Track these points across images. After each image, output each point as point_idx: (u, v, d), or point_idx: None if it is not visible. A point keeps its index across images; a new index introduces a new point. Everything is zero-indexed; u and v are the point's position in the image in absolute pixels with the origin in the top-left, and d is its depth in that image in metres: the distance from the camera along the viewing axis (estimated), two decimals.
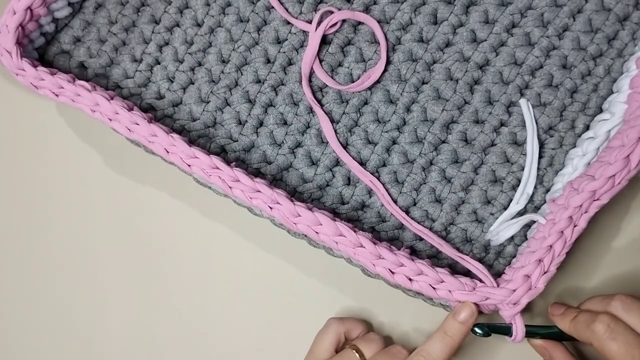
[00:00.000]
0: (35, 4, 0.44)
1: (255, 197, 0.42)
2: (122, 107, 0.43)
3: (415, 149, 0.46)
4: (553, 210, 0.42)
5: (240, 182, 0.42)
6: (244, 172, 0.42)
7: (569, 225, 0.41)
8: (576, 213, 0.41)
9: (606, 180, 0.41)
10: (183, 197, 0.49)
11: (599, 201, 0.41)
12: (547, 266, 0.41)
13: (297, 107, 0.47)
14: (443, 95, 0.46)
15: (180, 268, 0.48)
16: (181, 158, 0.43)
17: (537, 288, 0.41)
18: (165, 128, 0.44)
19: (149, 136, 0.43)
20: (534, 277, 0.41)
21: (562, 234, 0.41)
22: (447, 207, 0.46)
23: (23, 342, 0.49)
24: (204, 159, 0.42)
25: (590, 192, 0.41)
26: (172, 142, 0.43)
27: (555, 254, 0.41)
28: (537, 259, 0.41)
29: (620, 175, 0.41)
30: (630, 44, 0.45)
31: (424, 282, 0.41)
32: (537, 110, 0.46)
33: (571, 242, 0.41)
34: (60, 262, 0.49)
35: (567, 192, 0.42)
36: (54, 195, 0.49)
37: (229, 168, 0.42)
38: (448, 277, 0.41)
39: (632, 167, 0.41)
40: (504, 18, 0.46)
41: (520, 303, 0.41)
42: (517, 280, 0.41)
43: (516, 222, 0.44)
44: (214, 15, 0.48)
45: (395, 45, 0.47)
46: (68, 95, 0.44)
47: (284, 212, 0.42)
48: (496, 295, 0.41)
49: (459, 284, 0.41)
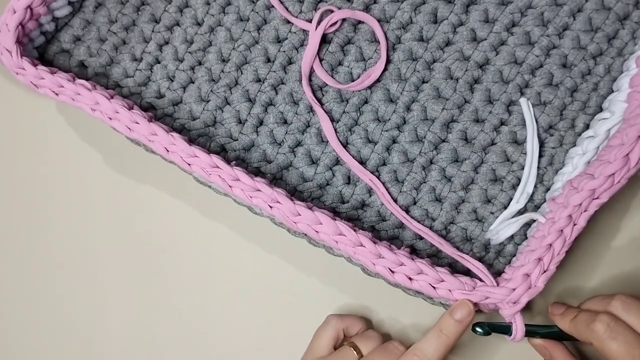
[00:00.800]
0: (35, 3, 0.44)
1: (255, 196, 0.42)
2: (122, 106, 0.43)
3: (415, 148, 0.46)
4: (553, 209, 0.42)
5: (240, 181, 0.42)
6: (244, 171, 0.42)
7: (568, 223, 0.41)
8: (576, 212, 0.41)
9: (605, 179, 0.40)
10: (183, 196, 0.49)
11: (598, 200, 0.41)
12: (547, 265, 0.41)
13: (297, 106, 0.47)
14: (443, 94, 0.46)
15: (180, 267, 0.48)
16: (181, 157, 0.43)
17: (537, 287, 0.41)
18: (165, 127, 0.44)
19: (149, 135, 0.43)
20: (533, 276, 0.41)
21: (562, 233, 0.41)
22: (447, 206, 0.46)
23: (22, 341, 0.48)
24: (204, 158, 0.42)
25: (589, 191, 0.41)
26: (172, 141, 0.43)
27: (554, 252, 0.41)
28: (537, 257, 0.41)
29: (620, 174, 0.41)
30: (631, 42, 0.45)
31: (424, 282, 0.41)
32: (537, 109, 0.46)
33: (571, 241, 0.41)
34: (60, 261, 0.49)
35: (566, 191, 0.42)
36: (54, 194, 0.49)
37: (229, 167, 0.42)
38: (448, 276, 0.41)
39: (632, 165, 0.40)
40: (504, 17, 0.46)
41: (520, 302, 0.41)
42: (516, 279, 0.41)
43: (516, 221, 0.44)
44: (214, 14, 0.48)
45: (395, 44, 0.47)
46: (68, 94, 0.44)
47: (284, 211, 0.41)
48: (496, 294, 0.41)
49: (459, 283, 0.41)
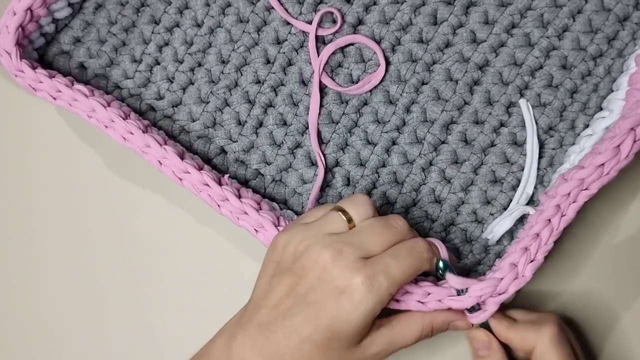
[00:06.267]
0: (35, 5, 0.44)
1: (242, 219, 0.42)
2: (118, 116, 0.43)
3: (414, 149, 0.46)
4: (543, 200, 0.42)
5: (228, 202, 0.42)
6: (235, 191, 0.43)
7: (556, 213, 0.40)
8: (564, 202, 0.40)
9: (594, 169, 0.40)
10: (182, 199, 0.49)
11: (587, 191, 0.40)
12: (534, 254, 0.40)
13: (296, 107, 0.47)
14: (443, 96, 0.46)
15: (178, 270, 0.48)
16: (173, 172, 0.43)
17: (525, 277, 0.40)
18: (160, 138, 0.44)
19: (143, 147, 0.43)
20: (520, 266, 0.40)
21: (549, 222, 0.40)
22: (447, 207, 0.46)
23: (21, 342, 0.49)
24: (195, 175, 0.42)
25: (578, 181, 0.40)
26: (165, 155, 0.43)
27: (542, 242, 0.40)
28: (523, 247, 0.40)
29: (610, 165, 0.40)
30: (631, 44, 0.45)
31: (412, 300, 0.40)
32: (537, 110, 0.46)
33: (559, 231, 0.41)
34: (57, 262, 0.49)
35: (557, 183, 0.42)
36: (53, 195, 0.49)
37: (218, 187, 0.42)
38: (433, 287, 0.39)
39: (622, 157, 0.40)
40: (504, 19, 0.46)
41: (508, 292, 0.40)
42: (503, 269, 0.40)
43: (509, 216, 0.44)
44: (213, 15, 0.47)
45: (394, 46, 0.47)
46: (65, 100, 0.44)
47: (268, 238, 0.42)
48: (484, 289, 0.39)
49: (447, 291, 0.40)
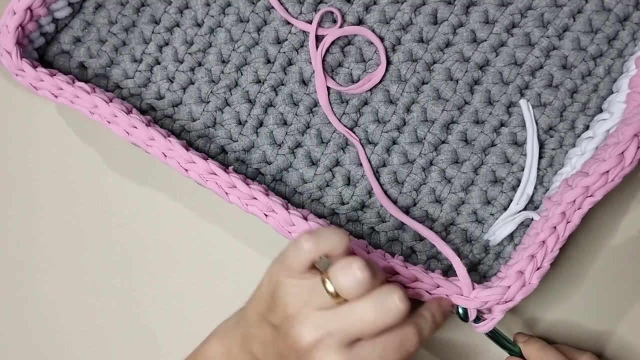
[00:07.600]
0: (35, 4, 0.44)
1: (251, 204, 0.42)
2: (121, 110, 0.43)
3: (415, 149, 0.46)
4: (548, 206, 0.42)
5: (236, 189, 0.42)
6: (241, 178, 0.43)
7: (562, 220, 0.41)
8: (569, 209, 0.41)
9: (599, 177, 0.40)
10: (183, 197, 0.49)
11: (592, 198, 0.41)
12: (540, 262, 0.41)
13: (297, 107, 0.47)
14: (443, 96, 0.46)
15: (179, 268, 0.48)
16: (178, 162, 0.43)
17: (531, 284, 0.40)
18: (164, 131, 0.44)
19: (147, 140, 0.43)
20: (527, 273, 0.40)
21: (555, 230, 0.41)
22: (447, 207, 0.46)
23: (21, 341, 0.49)
24: (201, 164, 0.42)
25: (583, 188, 0.41)
26: (170, 147, 0.43)
27: (548, 249, 0.41)
28: (530, 254, 0.41)
29: (614, 172, 0.40)
30: (631, 44, 0.45)
31: (420, 289, 0.40)
32: (537, 110, 0.46)
33: (564, 238, 0.41)
34: (58, 261, 0.49)
35: (561, 189, 0.42)
36: (53, 195, 0.49)
37: (225, 174, 0.42)
38: (443, 281, 0.40)
39: (626, 164, 0.40)
40: (504, 18, 0.46)
41: (515, 300, 0.40)
42: (510, 276, 0.40)
43: (512, 220, 0.44)
44: (214, 15, 0.47)
45: (395, 46, 0.47)
46: (67, 97, 0.44)
47: (278, 221, 0.42)
48: (492, 296, 0.40)
49: (456, 287, 0.40)
